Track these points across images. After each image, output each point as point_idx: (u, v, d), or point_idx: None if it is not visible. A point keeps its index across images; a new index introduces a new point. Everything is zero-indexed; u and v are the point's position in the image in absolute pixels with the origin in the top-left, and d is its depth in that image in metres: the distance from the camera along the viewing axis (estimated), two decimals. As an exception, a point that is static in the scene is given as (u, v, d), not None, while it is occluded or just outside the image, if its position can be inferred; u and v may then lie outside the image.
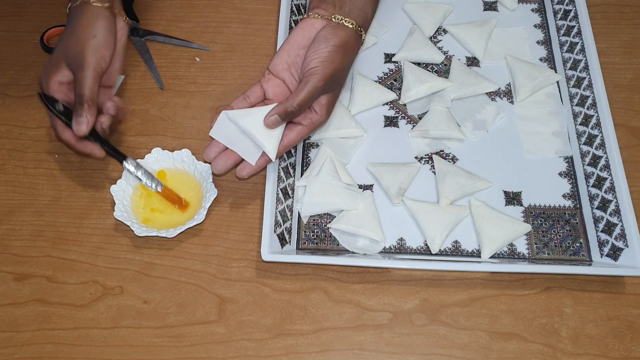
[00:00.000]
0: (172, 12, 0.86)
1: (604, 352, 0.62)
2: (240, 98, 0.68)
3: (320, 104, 0.66)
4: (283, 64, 0.68)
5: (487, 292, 0.66)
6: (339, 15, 0.66)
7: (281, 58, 0.68)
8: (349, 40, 0.66)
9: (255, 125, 0.64)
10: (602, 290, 0.66)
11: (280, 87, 0.68)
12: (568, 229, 0.69)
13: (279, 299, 0.66)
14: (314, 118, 0.66)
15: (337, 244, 0.68)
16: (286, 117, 0.64)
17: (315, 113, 0.66)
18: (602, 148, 0.70)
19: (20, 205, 0.72)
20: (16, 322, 0.65)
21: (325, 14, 0.67)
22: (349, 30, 0.66)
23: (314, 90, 0.63)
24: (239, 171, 0.66)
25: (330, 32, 0.66)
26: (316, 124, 0.67)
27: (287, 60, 0.67)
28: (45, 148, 0.75)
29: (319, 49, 0.65)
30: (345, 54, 0.66)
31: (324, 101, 0.66)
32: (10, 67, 0.81)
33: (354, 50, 0.68)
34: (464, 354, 0.63)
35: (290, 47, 0.67)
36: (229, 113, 0.65)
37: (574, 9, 0.81)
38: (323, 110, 0.66)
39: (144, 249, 0.69)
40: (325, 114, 0.67)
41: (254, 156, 0.66)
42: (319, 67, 0.64)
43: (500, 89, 0.78)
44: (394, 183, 0.70)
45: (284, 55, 0.68)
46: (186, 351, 0.63)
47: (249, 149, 0.66)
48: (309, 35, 0.67)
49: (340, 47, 0.65)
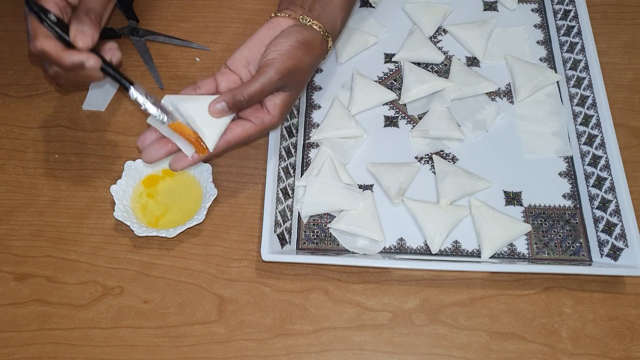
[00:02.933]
0: (172, 12, 0.86)
1: (604, 352, 0.62)
2: (190, 88, 0.63)
3: (273, 103, 0.62)
4: (242, 59, 0.64)
5: (487, 292, 0.66)
6: (308, 17, 0.65)
7: (241, 54, 0.64)
8: (313, 40, 0.64)
9: (197, 111, 0.59)
10: (602, 290, 0.66)
11: (235, 83, 0.64)
12: (568, 229, 0.69)
13: (279, 299, 0.66)
14: (265, 118, 0.62)
15: (337, 244, 0.68)
16: (234, 106, 0.60)
17: (267, 112, 0.63)
18: (602, 148, 0.70)
19: (20, 205, 0.72)
20: (16, 322, 0.65)
21: (294, 14, 0.65)
22: (316, 32, 0.64)
23: (268, 82, 0.60)
24: (173, 163, 0.62)
25: (295, 30, 0.63)
26: (267, 125, 0.63)
27: (247, 56, 0.64)
28: (45, 148, 0.75)
29: (279, 42, 0.62)
30: (308, 52, 0.63)
31: (278, 100, 0.63)
32: (10, 67, 0.81)
33: (317, 52, 0.65)
34: (464, 354, 0.63)
35: (253, 44, 0.64)
36: (172, 97, 0.60)
37: (574, 9, 0.81)
38: (276, 111, 0.62)
39: (144, 249, 0.69)
40: (278, 114, 0.63)
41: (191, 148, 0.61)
42: (277, 60, 0.60)
43: (500, 89, 0.78)
44: (394, 183, 0.70)
45: (245, 51, 0.64)
46: (186, 351, 0.63)
47: None
48: (273, 33, 0.64)
49: (303, 44, 0.62)
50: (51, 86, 0.79)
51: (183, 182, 0.72)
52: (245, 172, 0.73)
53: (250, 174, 0.73)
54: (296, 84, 0.64)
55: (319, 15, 0.66)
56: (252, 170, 0.73)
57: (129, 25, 0.83)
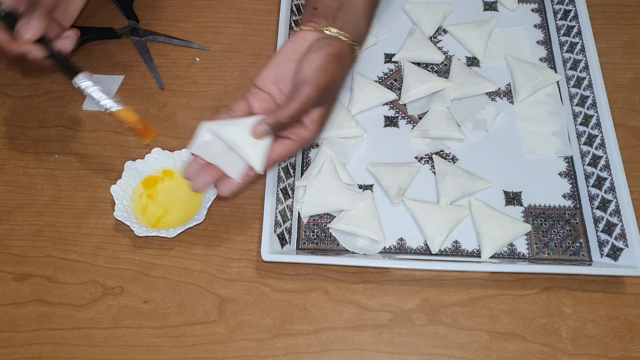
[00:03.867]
0: (172, 12, 0.86)
1: (604, 352, 0.63)
2: (224, 112, 0.63)
3: (311, 119, 0.62)
4: (271, 77, 0.63)
5: (487, 292, 0.66)
6: (333, 29, 0.64)
7: (269, 72, 0.63)
8: (342, 52, 0.63)
9: (239, 135, 0.59)
10: (602, 290, 0.66)
11: (268, 102, 0.64)
12: (568, 229, 0.69)
13: (279, 299, 0.66)
14: (303, 134, 0.62)
15: (337, 244, 0.68)
16: (276, 128, 0.60)
17: (305, 128, 0.62)
18: (602, 148, 0.70)
19: (20, 205, 0.72)
20: (16, 322, 0.65)
21: (318, 26, 0.64)
22: (343, 42, 0.63)
23: (307, 100, 0.60)
24: (221, 190, 0.62)
25: (323, 43, 0.62)
26: (306, 140, 0.63)
27: (275, 74, 0.63)
28: (45, 148, 0.75)
29: (311, 58, 0.61)
30: (339, 64, 0.62)
31: (315, 116, 0.62)
32: (10, 67, 0.81)
33: (347, 63, 0.64)
34: (464, 354, 0.63)
35: (280, 61, 0.63)
36: (210, 124, 0.60)
37: (574, 9, 0.81)
38: (314, 126, 0.62)
39: (144, 249, 0.69)
40: (316, 129, 0.63)
41: (238, 171, 0.61)
42: (313, 76, 0.60)
43: (500, 89, 0.78)
44: (394, 183, 0.70)
45: (273, 68, 0.63)
46: (186, 351, 0.63)
47: (232, 163, 0.61)
48: (299, 49, 0.63)
49: (335, 57, 0.62)
50: (50, 86, 0.79)
51: (183, 182, 0.72)
52: (245, 172, 0.73)
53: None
54: (331, 97, 0.64)
55: (343, 25, 0.65)
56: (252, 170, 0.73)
57: (129, 25, 0.83)
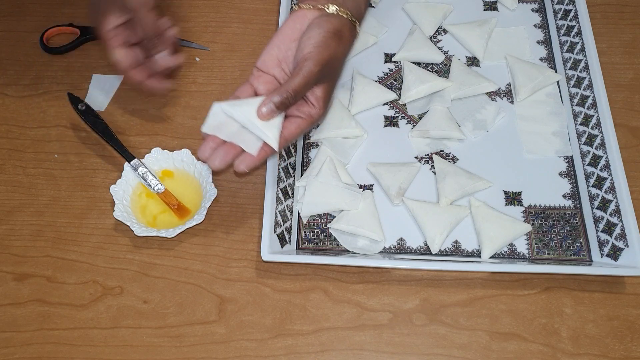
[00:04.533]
0: (172, 12, 0.86)
1: (604, 352, 0.62)
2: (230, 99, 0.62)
3: (316, 96, 0.62)
4: (273, 59, 0.63)
5: (487, 292, 0.66)
6: (333, 6, 0.62)
7: (270, 53, 0.63)
8: (343, 28, 0.62)
9: (253, 114, 0.59)
10: (602, 290, 0.66)
11: (272, 84, 0.63)
12: (568, 229, 0.69)
13: (279, 299, 0.66)
14: (311, 111, 0.62)
15: (337, 244, 0.68)
16: (282, 105, 0.59)
17: (312, 106, 0.62)
18: (602, 148, 0.70)
19: (20, 205, 0.72)
20: (16, 322, 0.65)
21: (318, 4, 0.63)
22: (343, 19, 0.62)
23: (310, 75, 0.59)
24: (238, 165, 0.60)
25: (324, 20, 0.62)
26: (314, 117, 0.62)
27: (277, 55, 0.63)
28: (45, 148, 0.75)
29: (312, 35, 0.61)
30: (340, 41, 0.62)
31: (319, 93, 0.61)
32: (10, 67, 0.81)
33: (349, 40, 0.63)
34: (464, 354, 0.63)
35: (281, 41, 0.63)
36: (222, 104, 0.60)
37: (574, 8, 0.81)
38: (320, 102, 0.62)
39: (144, 249, 0.69)
40: (323, 106, 0.62)
41: (255, 147, 0.60)
42: (313, 52, 0.59)
43: (500, 89, 0.78)
44: (394, 183, 0.70)
45: (274, 49, 0.63)
46: (186, 351, 0.63)
47: (248, 139, 0.60)
48: (300, 27, 0.62)
49: (335, 34, 0.61)
50: (50, 86, 0.79)
51: (183, 182, 0.72)
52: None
53: (250, 174, 0.73)
54: (333, 73, 0.63)
55: (343, 2, 0.64)
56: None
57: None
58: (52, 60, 0.81)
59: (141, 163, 0.71)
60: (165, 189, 0.70)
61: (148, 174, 0.70)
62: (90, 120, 0.73)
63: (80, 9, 0.85)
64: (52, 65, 0.81)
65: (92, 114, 0.74)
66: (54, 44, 0.82)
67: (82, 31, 0.82)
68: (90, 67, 0.81)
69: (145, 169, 0.70)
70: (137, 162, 0.71)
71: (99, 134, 0.73)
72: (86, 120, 0.74)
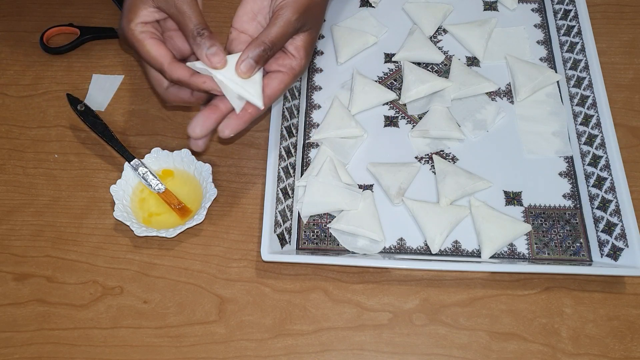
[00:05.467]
0: (172, 12, 0.86)
1: (604, 352, 0.62)
2: None
3: (295, 46, 0.59)
4: (248, 13, 0.60)
5: (487, 292, 0.66)
6: None
7: (245, 9, 0.60)
8: None
9: (232, 73, 0.55)
10: (602, 290, 0.66)
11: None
12: (568, 229, 0.69)
13: (279, 299, 0.66)
14: (292, 63, 0.59)
15: (337, 244, 0.68)
16: (260, 59, 0.56)
17: (292, 58, 0.59)
18: (602, 148, 0.70)
19: (20, 205, 0.72)
20: (16, 322, 0.65)
21: None
22: None
23: (287, 23, 0.56)
24: (222, 130, 0.57)
25: None
26: (296, 70, 0.59)
27: (252, 8, 0.59)
28: (45, 148, 0.75)
29: None
30: None
31: (299, 42, 0.59)
32: (10, 67, 0.81)
33: None
34: (464, 354, 0.63)
35: None
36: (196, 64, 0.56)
37: (574, 8, 0.81)
38: (301, 53, 0.59)
39: (144, 249, 0.69)
40: (304, 55, 0.59)
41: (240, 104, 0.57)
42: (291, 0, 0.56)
43: (500, 89, 0.78)
44: (394, 183, 0.70)
45: (249, 4, 0.60)
46: (186, 351, 0.63)
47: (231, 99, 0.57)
48: None
49: None
50: (50, 86, 0.79)
51: (183, 182, 0.72)
52: (245, 172, 0.73)
53: (250, 174, 0.73)
54: (314, 21, 0.60)
55: None
56: (252, 170, 0.73)
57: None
58: (52, 60, 0.81)
59: (141, 163, 0.71)
60: (166, 188, 0.70)
61: (148, 173, 0.70)
62: (89, 121, 0.74)
63: (80, 9, 0.85)
64: (52, 65, 0.81)
65: (92, 114, 0.74)
66: (54, 44, 0.82)
67: (82, 31, 0.82)
68: (90, 67, 0.81)
69: (146, 169, 0.71)
70: (137, 162, 0.71)
71: (99, 134, 0.73)
72: (85, 121, 0.74)
